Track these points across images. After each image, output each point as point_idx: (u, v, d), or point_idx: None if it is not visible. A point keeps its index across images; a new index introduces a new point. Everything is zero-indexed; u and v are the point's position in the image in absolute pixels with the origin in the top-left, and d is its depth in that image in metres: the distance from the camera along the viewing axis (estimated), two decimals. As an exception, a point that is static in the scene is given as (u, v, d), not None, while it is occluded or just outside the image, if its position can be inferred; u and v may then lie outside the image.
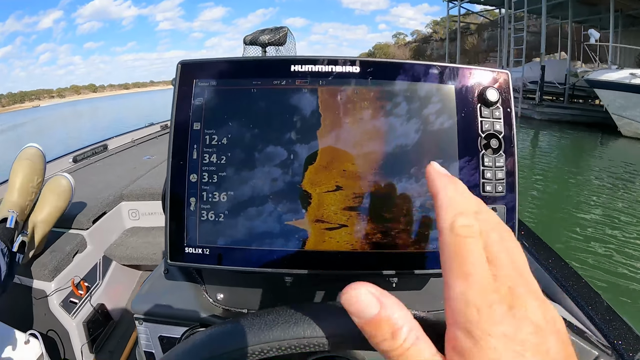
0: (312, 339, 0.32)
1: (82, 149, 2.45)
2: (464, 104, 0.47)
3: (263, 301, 0.57)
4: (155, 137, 3.13)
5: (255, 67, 0.48)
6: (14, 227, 1.18)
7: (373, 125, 0.46)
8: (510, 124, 0.48)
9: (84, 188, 1.54)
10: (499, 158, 0.47)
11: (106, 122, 24.67)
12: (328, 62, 0.47)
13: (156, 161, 2.33)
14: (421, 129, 0.46)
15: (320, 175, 0.46)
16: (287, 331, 0.32)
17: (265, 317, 0.34)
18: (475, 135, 0.47)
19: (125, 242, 1.71)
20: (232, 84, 0.47)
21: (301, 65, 0.47)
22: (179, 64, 0.49)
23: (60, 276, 1.34)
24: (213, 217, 0.46)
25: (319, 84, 0.46)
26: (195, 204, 0.46)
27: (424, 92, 0.47)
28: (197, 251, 0.46)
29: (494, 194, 0.47)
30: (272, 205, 0.46)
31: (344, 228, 0.46)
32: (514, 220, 0.47)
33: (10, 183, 1.29)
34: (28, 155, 1.34)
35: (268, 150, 0.46)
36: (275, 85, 0.47)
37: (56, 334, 1.34)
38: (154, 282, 0.61)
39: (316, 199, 0.46)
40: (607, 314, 0.77)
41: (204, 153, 0.46)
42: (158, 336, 0.58)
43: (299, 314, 0.33)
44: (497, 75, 0.49)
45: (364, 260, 0.46)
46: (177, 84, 0.48)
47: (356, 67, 0.47)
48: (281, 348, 0.33)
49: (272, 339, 0.33)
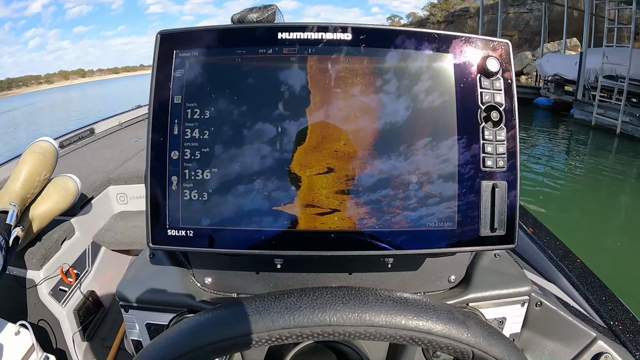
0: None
1: (68, 134, 2.39)
2: (463, 74, 0.45)
3: (252, 285, 0.55)
4: (143, 120, 3.06)
5: (239, 35, 0.44)
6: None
7: (366, 98, 0.43)
8: (511, 95, 0.46)
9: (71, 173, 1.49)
10: (499, 131, 0.45)
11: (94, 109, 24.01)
12: (318, 29, 0.43)
13: (144, 144, 2.26)
14: (417, 100, 0.44)
15: (310, 156, 0.43)
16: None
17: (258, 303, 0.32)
18: (475, 106, 0.45)
19: (114, 227, 1.68)
20: (215, 53, 0.44)
21: (289, 32, 0.43)
22: (157, 34, 0.45)
23: (48, 264, 1.30)
24: (196, 197, 0.43)
25: (308, 53, 0.43)
26: (177, 182, 0.43)
27: (420, 61, 0.44)
28: (180, 233, 0.44)
29: (495, 169, 0.45)
30: (259, 187, 0.43)
31: (336, 213, 0.43)
32: (515, 197, 0.45)
33: (16, 171, 1.25)
34: (40, 149, 1.30)
35: (254, 126, 0.43)
36: (261, 55, 0.43)
37: (47, 323, 1.32)
38: (139, 268, 0.59)
39: (306, 183, 0.43)
40: (603, 294, 0.77)
41: (186, 128, 0.43)
42: (145, 323, 0.56)
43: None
44: (497, 44, 0.46)
45: (358, 241, 0.44)
46: (156, 55, 0.44)
47: (348, 34, 0.43)
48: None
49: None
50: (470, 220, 0.45)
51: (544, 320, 0.59)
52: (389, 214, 0.44)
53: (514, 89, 0.46)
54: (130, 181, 1.75)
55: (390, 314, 0.32)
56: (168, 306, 0.54)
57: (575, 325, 0.59)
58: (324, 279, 0.54)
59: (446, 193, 0.44)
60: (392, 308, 0.33)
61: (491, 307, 0.55)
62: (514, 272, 0.58)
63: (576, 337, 0.59)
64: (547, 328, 0.59)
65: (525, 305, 0.56)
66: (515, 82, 0.47)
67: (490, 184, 0.45)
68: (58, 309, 1.31)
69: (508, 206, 0.45)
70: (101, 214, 1.69)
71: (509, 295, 0.55)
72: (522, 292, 0.55)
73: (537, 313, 0.58)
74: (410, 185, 0.44)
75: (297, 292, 0.34)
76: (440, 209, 0.44)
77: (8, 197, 1.18)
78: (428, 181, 0.44)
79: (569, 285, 0.81)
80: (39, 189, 1.28)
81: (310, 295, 0.34)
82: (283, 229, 0.43)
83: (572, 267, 0.84)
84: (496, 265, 0.58)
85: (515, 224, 0.45)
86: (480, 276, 0.56)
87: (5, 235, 1.11)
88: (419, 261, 0.54)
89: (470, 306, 0.54)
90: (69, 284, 1.37)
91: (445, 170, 0.44)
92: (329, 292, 0.34)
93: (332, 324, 0.32)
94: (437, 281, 0.56)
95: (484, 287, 0.55)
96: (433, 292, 0.56)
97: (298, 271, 0.54)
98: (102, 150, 2.18)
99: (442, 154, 0.44)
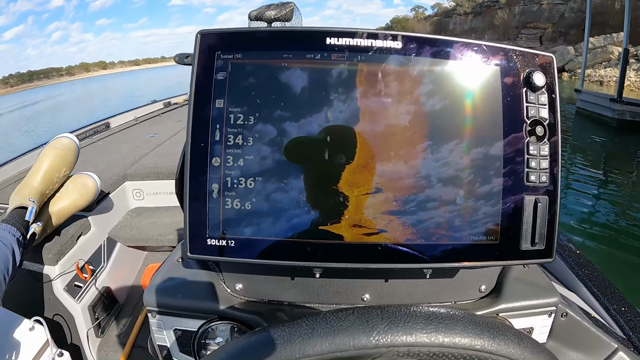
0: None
1: (83, 128, 2.40)
2: (509, 87, 0.44)
3: (285, 291, 0.54)
4: (158, 115, 3.07)
5: (285, 39, 0.43)
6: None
7: (415, 113, 0.42)
8: (555, 110, 0.45)
9: (87, 168, 1.50)
10: (543, 146, 0.44)
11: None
12: (367, 36, 0.42)
13: (160, 139, 2.28)
14: (465, 114, 0.43)
15: (359, 175, 0.42)
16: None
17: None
18: (521, 121, 0.44)
19: (130, 223, 1.68)
20: (260, 56, 0.43)
21: (337, 37, 0.42)
22: (198, 34, 0.44)
23: (64, 260, 1.31)
24: (239, 206, 0.42)
25: (357, 60, 0.42)
26: (218, 190, 0.42)
27: (468, 73, 0.43)
28: (221, 243, 0.42)
29: (538, 184, 0.44)
30: (304, 206, 0.42)
31: (383, 233, 0.42)
32: (555, 212, 0.45)
33: (36, 166, 1.25)
34: (61, 145, 1.30)
35: (299, 137, 0.42)
36: (309, 60, 0.42)
37: (62, 318, 1.32)
38: (166, 272, 0.58)
39: (354, 202, 0.42)
40: (622, 305, 0.76)
41: (228, 134, 0.42)
42: (173, 329, 0.55)
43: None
44: (542, 57, 0.45)
45: (402, 254, 0.43)
46: (196, 56, 0.43)
47: (398, 42, 0.42)
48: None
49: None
50: (512, 234, 0.44)
51: (568, 331, 0.58)
52: (435, 227, 0.43)
53: (557, 103, 0.45)
54: (146, 177, 1.75)
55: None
56: (197, 312, 0.53)
57: (597, 336, 0.58)
58: (360, 286, 0.54)
59: (490, 208, 0.43)
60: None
61: (520, 317, 0.55)
62: (543, 283, 0.57)
63: (598, 348, 0.58)
64: (571, 338, 0.59)
65: (552, 315, 0.56)
66: (558, 97, 0.46)
67: (533, 198, 0.44)
68: (73, 304, 1.32)
69: (548, 221, 0.45)
70: (117, 210, 1.69)
71: (537, 305, 0.55)
72: (550, 302, 0.55)
73: (562, 323, 0.58)
74: (456, 200, 0.43)
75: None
76: (483, 223, 0.44)
77: (28, 192, 1.19)
78: (473, 196, 0.43)
79: (589, 295, 0.80)
80: (58, 185, 1.29)
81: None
82: (328, 241, 0.42)
83: (592, 277, 0.84)
84: (525, 276, 0.58)
85: (554, 238, 0.45)
86: (510, 286, 0.56)
87: (23, 231, 1.12)
88: (455, 270, 0.54)
89: (500, 316, 0.54)
90: (84, 279, 1.37)
91: (490, 185, 0.43)
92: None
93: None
94: (469, 290, 0.56)
95: (514, 298, 0.54)
96: (464, 302, 0.56)
97: (333, 277, 0.53)
98: (118, 145, 2.19)
99: (489, 169, 0.43)
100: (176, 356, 0.57)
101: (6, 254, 1.02)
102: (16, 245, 1.06)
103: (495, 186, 0.43)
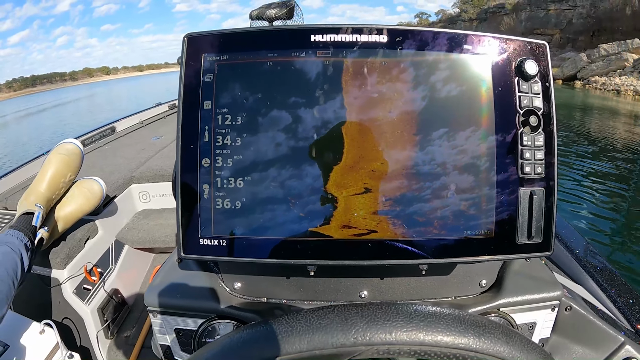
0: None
1: (89, 133, 2.42)
2: (501, 77, 0.43)
3: (283, 290, 0.54)
4: (163, 117, 3.09)
5: (270, 38, 0.43)
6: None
7: (402, 110, 0.42)
8: (550, 99, 0.44)
9: (93, 172, 1.51)
10: (538, 137, 0.43)
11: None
12: (352, 31, 0.42)
13: (165, 141, 2.29)
14: (457, 108, 0.42)
15: (347, 176, 0.42)
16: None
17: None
18: (513, 111, 0.43)
19: (137, 225, 1.70)
20: (245, 56, 0.43)
21: (322, 34, 0.42)
22: (185, 37, 0.44)
23: (72, 263, 1.32)
24: (229, 205, 0.42)
25: (342, 56, 0.42)
26: (209, 191, 0.43)
27: (457, 64, 0.42)
28: (213, 242, 0.43)
29: (533, 175, 0.43)
30: (293, 207, 0.42)
31: (373, 234, 0.42)
32: (552, 204, 0.44)
33: (42, 172, 1.27)
34: (65, 151, 1.31)
35: (287, 135, 0.42)
36: (294, 57, 0.42)
37: (71, 321, 1.34)
38: (166, 273, 0.58)
39: (342, 204, 0.42)
40: (630, 297, 0.75)
41: (217, 135, 0.42)
42: (174, 328, 0.55)
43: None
44: (534, 45, 0.44)
45: (395, 250, 0.43)
46: (183, 59, 0.43)
47: (384, 37, 0.42)
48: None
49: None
50: (507, 228, 0.44)
51: (573, 325, 0.57)
52: (427, 225, 0.42)
53: (552, 92, 0.44)
54: (152, 179, 1.77)
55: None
56: (197, 311, 0.54)
57: (603, 329, 0.57)
58: (356, 284, 0.54)
59: (484, 201, 0.43)
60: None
61: (522, 312, 0.54)
62: (545, 277, 0.56)
63: (604, 342, 0.57)
64: (576, 332, 0.58)
65: (555, 309, 0.55)
66: (553, 85, 0.45)
67: (528, 190, 0.43)
68: (82, 307, 1.33)
69: (545, 213, 0.44)
70: (124, 213, 1.71)
71: (540, 300, 0.54)
72: (553, 296, 0.54)
73: (567, 317, 0.57)
74: (448, 195, 0.42)
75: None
76: (477, 217, 0.43)
77: (34, 198, 1.20)
78: (466, 190, 0.42)
79: (596, 287, 0.79)
80: (63, 190, 1.30)
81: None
82: (319, 239, 0.42)
83: (599, 269, 0.82)
84: (527, 269, 0.57)
85: (551, 231, 0.44)
86: (512, 281, 0.55)
87: (31, 236, 1.13)
88: (451, 266, 0.53)
89: (502, 311, 0.53)
90: (92, 282, 1.39)
91: (484, 178, 0.43)
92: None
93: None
94: (469, 285, 0.55)
95: (515, 292, 0.54)
96: (464, 297, 0.55)
97: (329, 276, 0.53)
98: (124, 149, 2.21)
99: (481, 162, 0.43)
100: (178, 355, 0.57)
101: (15, 259, 1.04)
102: (24, 250, 1.08)
103: (488, 179, 0.43)
